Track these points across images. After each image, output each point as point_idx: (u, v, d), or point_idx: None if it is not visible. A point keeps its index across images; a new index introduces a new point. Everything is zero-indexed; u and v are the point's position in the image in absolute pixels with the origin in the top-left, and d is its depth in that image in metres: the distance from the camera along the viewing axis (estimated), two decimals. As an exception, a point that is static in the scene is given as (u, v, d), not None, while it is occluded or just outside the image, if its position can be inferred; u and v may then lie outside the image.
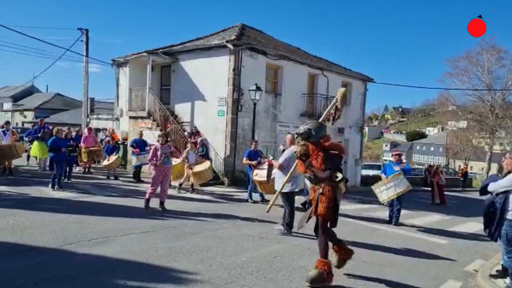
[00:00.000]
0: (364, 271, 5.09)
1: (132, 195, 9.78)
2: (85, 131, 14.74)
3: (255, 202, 10.27)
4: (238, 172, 13.67)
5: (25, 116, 36.55)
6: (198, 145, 12.91)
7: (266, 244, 6.06)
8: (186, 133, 14.28)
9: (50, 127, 12.73)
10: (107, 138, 15.67)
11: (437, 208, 13.76)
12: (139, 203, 8.39)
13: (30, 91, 41.23)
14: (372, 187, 9.30)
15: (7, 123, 12.66)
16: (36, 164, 13.69)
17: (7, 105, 40.16)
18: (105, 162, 13.05)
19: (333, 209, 4.48)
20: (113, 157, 12.82)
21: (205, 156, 12.42)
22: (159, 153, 8.06)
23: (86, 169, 13.63)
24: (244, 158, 10.29)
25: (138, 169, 12.62)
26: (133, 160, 12.95)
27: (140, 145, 12.51)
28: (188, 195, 10.69)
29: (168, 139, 10.08)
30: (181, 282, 4.20)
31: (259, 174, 9.19)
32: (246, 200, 10.43)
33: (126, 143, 16.02)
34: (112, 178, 12.71)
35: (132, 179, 12.56)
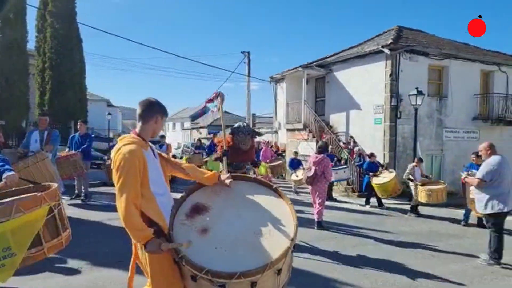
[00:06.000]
0: None
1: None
2: (262, 145, 14.44)
3: (467, 224, 8.38)
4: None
5: (200, 133, 42.73)
6: (354, 155, 12.71)
7: (438, 264, 5.50)
8: (341, 143, 14.25)
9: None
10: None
11: None
12: (305, 215, 8.75)
13: (204, 111, 48.23)
14: None
15: (162, 137, 12.45)
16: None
17: (187, 124, 47.75)
18: (294, 177, 11.52)
19: None
20: (301, 172, 11.09)
21: (361, 166, 11.99)
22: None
23: None
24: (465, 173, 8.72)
25: (331, 185, 11.12)
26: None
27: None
28: (346, 205, 10.58)
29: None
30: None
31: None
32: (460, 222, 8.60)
33: (284, 155, 16.94)
34: (295, 192, 12.05)
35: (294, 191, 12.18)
